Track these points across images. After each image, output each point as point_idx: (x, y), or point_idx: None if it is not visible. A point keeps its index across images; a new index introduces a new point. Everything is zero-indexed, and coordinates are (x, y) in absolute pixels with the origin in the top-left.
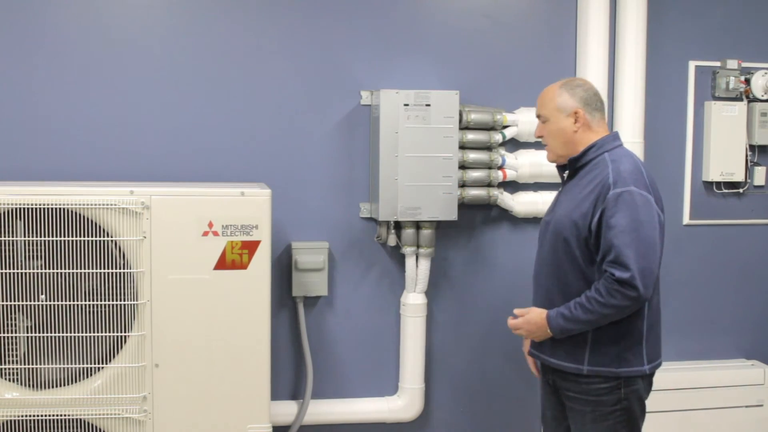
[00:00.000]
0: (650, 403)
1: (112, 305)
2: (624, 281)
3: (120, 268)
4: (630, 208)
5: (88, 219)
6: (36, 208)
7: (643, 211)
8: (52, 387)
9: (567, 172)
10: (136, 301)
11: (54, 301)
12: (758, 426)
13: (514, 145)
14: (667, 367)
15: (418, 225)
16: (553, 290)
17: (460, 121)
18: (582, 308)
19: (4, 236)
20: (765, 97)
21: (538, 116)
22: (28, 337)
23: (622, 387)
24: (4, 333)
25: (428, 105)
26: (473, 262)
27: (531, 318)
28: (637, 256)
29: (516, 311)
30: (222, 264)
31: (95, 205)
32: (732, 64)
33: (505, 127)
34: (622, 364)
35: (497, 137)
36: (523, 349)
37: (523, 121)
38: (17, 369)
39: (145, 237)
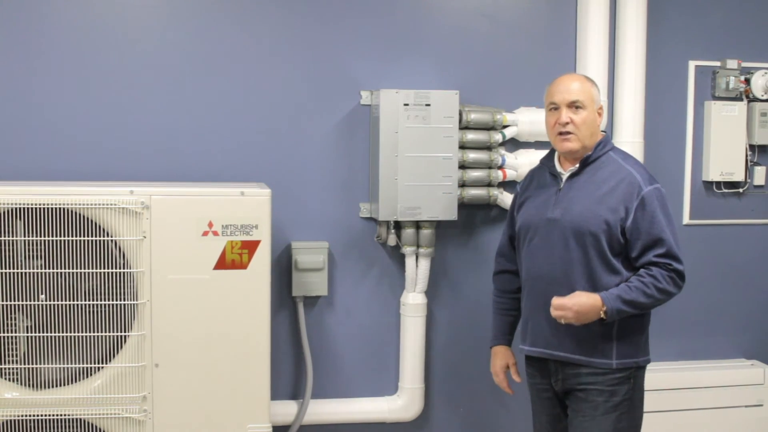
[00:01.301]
0: (650, 402)
1: (112, 305)
2: (681, 272)
3: (120, 268)
4: (664, 204)
5: (88, 219)
6: (36, 208)
7: (669, 206)
8: (52, 387)
9: (562, 169)
10: (136, 300)
11: (54, 300)
12: (758, 426)
13: (513, 144)
14: (667, 367)
15: (418, 225)
16: (582, 288)
17: (460, 120)
18: (640, 292)
19: (4, 236)
20: (765, 97)
21: (573, 102)
22: (28, 336)
23: (632, 376)
24: (4, 333)
25: (428, 105)
26: (473, 261)
27: (581, 300)
28: (680, 250)
29: (556, 300)
30: (222, 264)
31: (95, 204)
32: (732, 63)
33: (505, 126)
34: (640, 353)
35: (497, 137)
36: (492, 369)
37: (522, 120)
38: (17, 369)
39: (145, 237)
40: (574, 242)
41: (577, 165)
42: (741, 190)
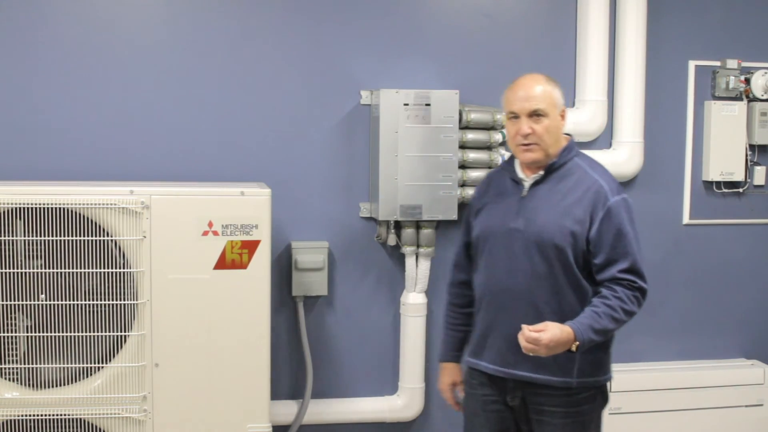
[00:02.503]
0: (650, 402)
1: (112, 305)
2: (645, 291)
3: (120, 268)
4: (631, 216)
5: (88, 218)
6: (36, 208)
7: (635, 219)
8: (52, 386)
9: (524, 175)
10: (136, 300)
11: (54, 300)
12: (758, 425)
13: None
14: (667, 367)
15: (418, 224)
16: (546, 304)
17: (460, 120)
18: (609, 318)
19: (4, 236)
20: (765, 97)
21: (534, 111)
22: (28, 336)
23: (598, 395)
24: (4, 333)
25: (428, 104)
26: None
27: (555, 335)
28: (644, 266)
29: (527, 329)
30: (222, 263)
31: (95, 204)
32: (732, 63)
33: (505, 126)
34: (601, 372)
35: (497, 137)
36: (440, 386)
37: None
38: (17, 369)
39: (145, 236)
40: (538, 255)
41: (542, 172)
42: (741, 189)
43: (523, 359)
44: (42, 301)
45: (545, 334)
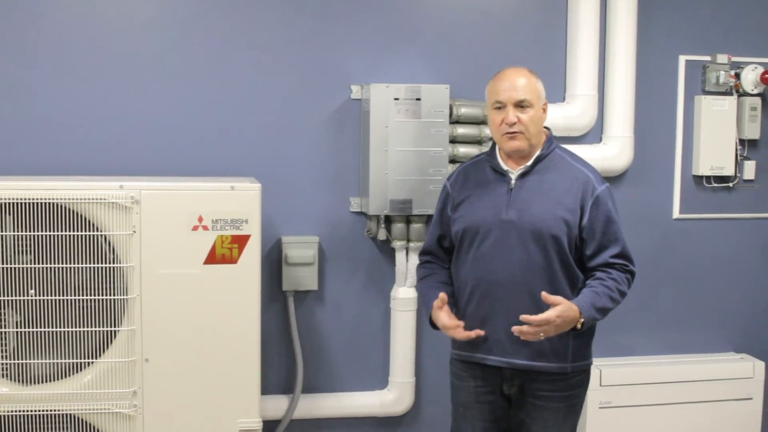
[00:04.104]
0: (640, 396)
1: (102, 300)
2: (634, 273)
3: (110, 263)
4: (614, 204)
5: (77, 213)
6: (25, 203)
7: (617, 206)
8: (42, 382)
9: (509, 167)
10: (126, 295)
11: (44, 295)
12: (748, 419)
13: None
14: (657, 361)
15: (408, 219)
16: (542, 293)
17: (451, 115)
18: (608, 297)
19: None
20: (755, 92)
21: (520, 102)
22: (17, 332)
23: (586, 379)
24: None
25: (418, 99)
26: None
27: (564, 313)
28: (631, 251)
29: (538, 317)
30: (212, 258)
31: (85, 199)
32: (722, 58)
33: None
34: (589, 356)
35: (487, 131)
36: (445, 323)
37: None
38: (7, 364)
39: (134, 231)
40: (534, 245)
41: (529, 163)
42: (731, 184)
43: (522, 348)
44: (32, 296)
45: (555, 311)
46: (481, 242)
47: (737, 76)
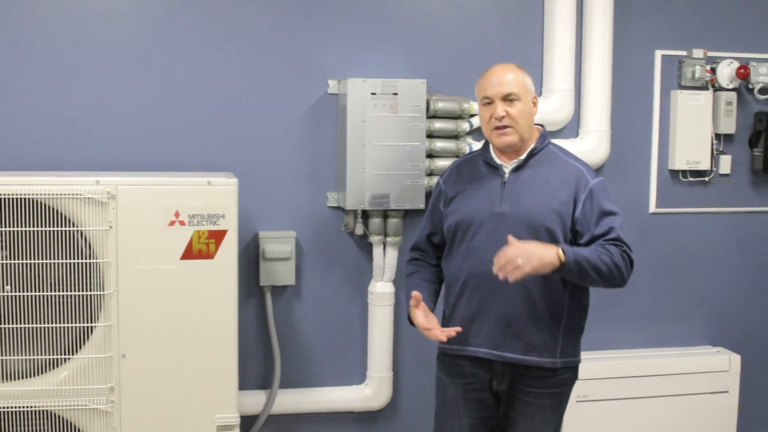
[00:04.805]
0: (618, 390)
1: (79, 296)
2: (632, 259)
3: (86, 259)
4: (610, 196)
5: (53, 209)
6: (0, 198)
7: (613, 198)
8: (18, 378)
9: (502, 161)
10: (103, 291)
11: (19, 291)
12: (724, 412)
13: (481, 134)
14: (633, 354)
15: (385, 214)
16: (534, 285)
17: (428, 110)
18: (596, 255)
19: None
20: (730, 87)
21: (508, 95)
22: None
23: (573, 376)
24: None
25: (395, 94)
26: None
27: (534, 245)
28: (629, 242)
29: (504, 251)
30: (189, 254)
31: (61, 194)
32: (698, 53)
33: (473, 115)
34: (577, 352)
35: (464, 126)
36: (422, 324)
37: None
38: None
39: (111, 227)
40: (527, 237)
41: (523, 156)
42: (707, 178)
43: (514, 341)
44: (7, 292)
45: (522, 245)
46: (474, 235)
47: (713, 71)
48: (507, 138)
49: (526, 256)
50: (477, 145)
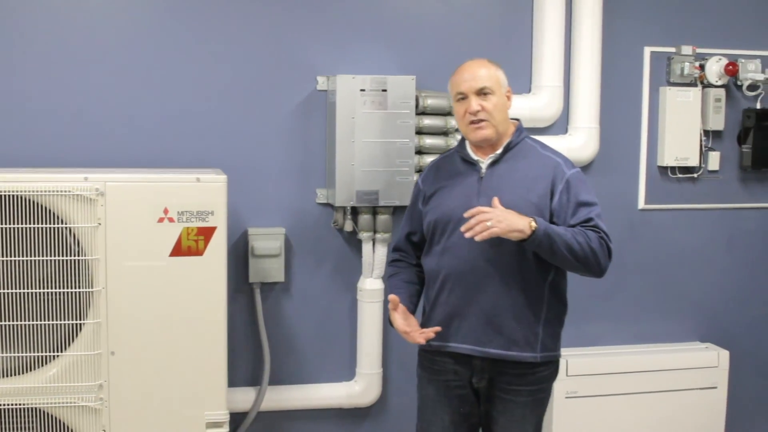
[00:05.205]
0: (606, 386)
1: (67, 293)
2: (611, 248)
3: (75, 256)
4: (588, 186)
5: (42, 206)
6: None
7: (592, 189)
8: (6, 376)
9: (479, 156)
10: (92, 288)
11: (8, 288)
12: (712, 408)
13: None
14: (622, 351)
15: (374, 210)
16: (514, 279)
17: (417, 106)
18: (569, 233)
19: None
20: (719, 83)
21: (481, 89)
22: None
23: (554, 371)
24: None
25: (385, 90)
26: None
27: (505, 211)
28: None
29: (472, 212)
30: (178, 250)
31: (49, 191)
32: (687, 50)
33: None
34: (557, 346)
35: (453, 122)
36: (401, 327)
37: None
38: None
39: (100, 224)
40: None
41: (499, 151)
42: (695, 175)
43: (495, 337)
44: None
45: (498, 209)
46: (452, 232)
47: (702, 67)
48: (483, 132)
49: (497, 218)
50: None
